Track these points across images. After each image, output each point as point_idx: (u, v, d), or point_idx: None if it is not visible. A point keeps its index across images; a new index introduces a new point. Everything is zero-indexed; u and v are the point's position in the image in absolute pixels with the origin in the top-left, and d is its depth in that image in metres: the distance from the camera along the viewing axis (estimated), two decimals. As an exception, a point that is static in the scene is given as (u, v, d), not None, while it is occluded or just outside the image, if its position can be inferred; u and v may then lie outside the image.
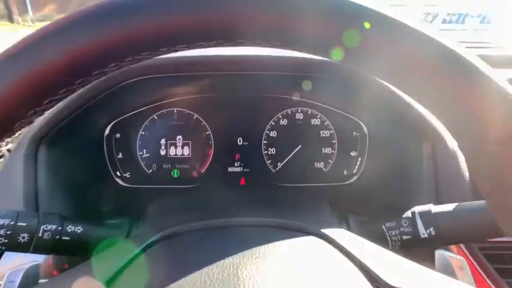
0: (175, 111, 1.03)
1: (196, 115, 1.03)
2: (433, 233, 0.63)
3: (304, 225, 0.54)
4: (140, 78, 0.83)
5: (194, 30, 0.31)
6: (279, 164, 1.05)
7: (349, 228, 0.70)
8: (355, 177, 1.03)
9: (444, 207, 0.64)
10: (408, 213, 0.67)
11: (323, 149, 1.05)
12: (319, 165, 1.05)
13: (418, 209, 0.66)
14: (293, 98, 1.01)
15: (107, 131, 0.99)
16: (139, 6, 0.30)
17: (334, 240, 0.51)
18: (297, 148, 1.04)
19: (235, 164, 1.05)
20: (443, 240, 0.63)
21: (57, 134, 0.79)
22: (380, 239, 0.66)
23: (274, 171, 1.05)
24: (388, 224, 0.67)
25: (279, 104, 1.04)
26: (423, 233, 0.63)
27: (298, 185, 1.04)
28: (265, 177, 1.05)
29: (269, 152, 1.05)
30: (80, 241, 0.65)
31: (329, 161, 1.05)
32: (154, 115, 1.03)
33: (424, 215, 0.64)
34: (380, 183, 0.93)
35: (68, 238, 0.63)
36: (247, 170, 1.05)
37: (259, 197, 0.86)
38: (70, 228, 0.64)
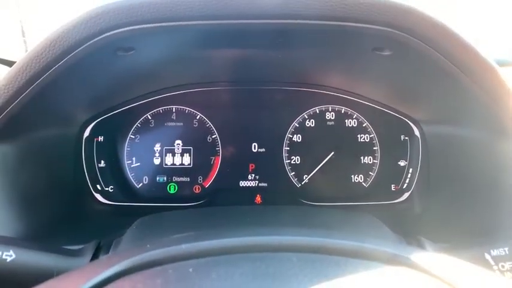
0: (173, 109, 0.82)
1: (199, 114, 0.83)
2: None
3: (388, 250, 0.31)
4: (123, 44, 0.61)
5: None
6: (305, 177, 0.82)
7: None
8: (406, 194, 0.79)
9: None
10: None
11: (362, 157, 0.82)
12: (358, 178, 0.82)
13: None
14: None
15: (86, 132, 0.78)
16: None
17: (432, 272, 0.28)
18: (329, 156, 0.81)
19: (249, 177, 0.83)
20: None
21: (13, 123, 0.57)
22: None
23: (299, 185, 0.82)
24: (494, 253, 0.43)
25: (306, 100, 0.83)
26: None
27: (330, 204, 0.80)
28: (288, 194, 0.82)
29: (292, 162, 0.83)
30: (6, 273, 0.42)
31: (370, 173, 0.82)
32: (147, 114, 0.82)
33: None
34: (446, 199, 0.69)
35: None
36: (265, 184, 0.83)
37: (281, 219, 0.62)
38: None
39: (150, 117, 0.82)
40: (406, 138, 0.81)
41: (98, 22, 0.50)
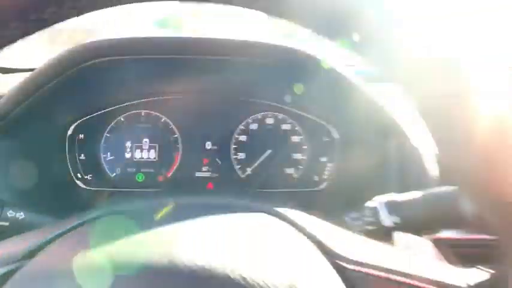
0: (142, 113, 1.01)
1: (164, 117, 1.01)
2: (398, 222, 0.60)
3: (256, 204, 0.51)
4: (105, 66, 0.80)
5: None
6: (248, 170, 1.02)
7: None
8: (325, 183, 1.01)
9: (409, 195, 0.62)
10: (371, 203, 0.64)
11: (293, 154, 1.03)
12: (290, 171, 1.03)
13: (381, 198, 0.63)
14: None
15: (70, 131, 0.96)
16: None
17: (287, 217, 0.47)
18: (267, 153, 1.02)
19: (203, 169, 1.02)
20: (409, 228, 0.60)
21: (14, 121, 0.75)
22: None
23: (243, 176, 1.02)
24: (351, 215, 0.64)
25: (250, 108, 1.03)
26: (387, 222, 0.60)
27: (267, 190, 1.01)
28: (234, 183, 1.02)
29: (238, 157, 1.03)
30: (20, 229, 0.60)
31: (299, 166, 1.03)
32: (120, 117, 1.00)
33: (387, 204, 0.62)
34: (351, 187, 0.91)
35: (6, 224, 0.58)
36: (216, 174, 1.02)
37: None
38: (11, 213, 0.59)
39: (122, 119, 1.00)
40: (327, 139, 1.02)
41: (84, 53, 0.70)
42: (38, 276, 0.35)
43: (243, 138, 1.03)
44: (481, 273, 0.37)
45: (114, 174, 1.00)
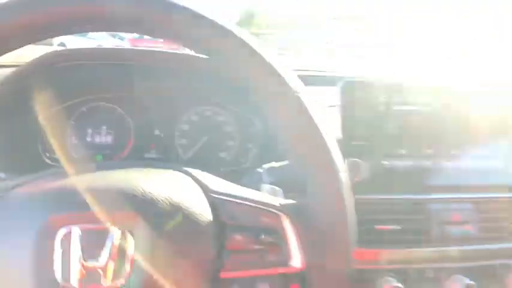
0: (101, 105, 1.23)
1: (119, 109, 1.23)
2: (273, 181, 0.84)
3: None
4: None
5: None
6: (188, 152, 1.25)
7: None
8: (248, 163, 1.25)
9: (283, 164, 0.86)
10: (259, 169, 0.88)
11: (226, 141, 1.26)
12: (223, 154, 1.26)
13: (266, 165, 0.87)
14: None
15: (41, 120, 1.17)
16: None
17: (186, 170, 0.68)
18: (204, 139, 1.25)
19: (152, 152, 1.25)
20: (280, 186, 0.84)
21: None
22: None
23: (184, 158, 1.25)
24: (246, 177, 0.88)
25: (192, 102, 1.26)
26: (266, 180, 0.84)
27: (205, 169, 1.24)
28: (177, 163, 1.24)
29: (181, 142, 1.25)
30: None
31: (231, 151, 1.26)
32: (83, 108, 1.22)
33: (268, 169, 0.86)
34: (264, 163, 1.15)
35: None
36: (162, 156, 1.25)
37: None
38: None
39: (85, 110, 1.22)
40: (253, 129, 1.26)
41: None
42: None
43: (185, 127, 1.26)
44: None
45: (78, 155, 1.21)
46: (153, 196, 0.53)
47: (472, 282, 0.89)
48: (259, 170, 0.88)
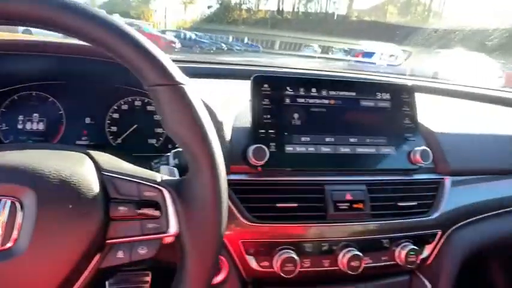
0: (33, 93, 1.28)
1: (51, 98, 1.29)
2: (177, 163, 0.93)
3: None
4: None
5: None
6: (118, 140, 1.33)
7: None
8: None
9: None
10: (168, 154, 0.97)
11: (155, 129, 1.35)
12: (152, 141, 1.35)
13: (173, 150, 0.97)
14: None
15: None
16: None
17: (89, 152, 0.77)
18: (133, 127, 1.33)
19: (83, 139, 1.31)
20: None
21: None
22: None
23: (114, 144, 1.33)
24: (155, 160, 0.97)
25: (122, 92, 1.33)
26: (171, 163, 0.94)
27: (134, 155, 1.32)
28: (109, 150, 1.31)
29: (111, 130, 1.33)
30: None
31: (160, 138, 1.35)
32: (15, 96, 1.27)
33: (174, 153, 0.95)
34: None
35: None
36: (93, 143, 1.32)
37: None
38: None
39: (16, 98, 1.27)
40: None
41: None
42: None
43: (115, 115, 1.33)
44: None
45: (8, 140, 1.26)
46: (44, 171, 0.61)
47: (360, 253, 1.02)
48: (168, 154, 0.98)
